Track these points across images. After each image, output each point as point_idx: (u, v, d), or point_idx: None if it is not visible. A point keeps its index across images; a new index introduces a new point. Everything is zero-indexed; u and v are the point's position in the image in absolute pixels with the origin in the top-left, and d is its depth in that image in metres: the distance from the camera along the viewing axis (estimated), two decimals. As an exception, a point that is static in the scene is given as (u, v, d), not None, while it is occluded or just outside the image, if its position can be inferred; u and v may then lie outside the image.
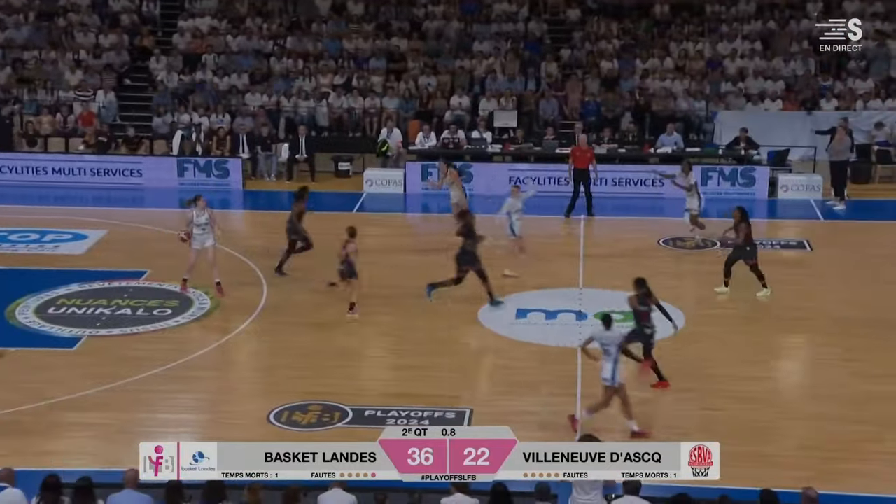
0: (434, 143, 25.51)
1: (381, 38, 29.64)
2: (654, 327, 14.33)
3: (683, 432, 12.98)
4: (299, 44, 29.55)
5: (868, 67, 27.17)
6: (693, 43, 28.48)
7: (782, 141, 24.93)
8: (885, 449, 12.56)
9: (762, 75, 27.18)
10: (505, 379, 14.83)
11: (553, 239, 21.36)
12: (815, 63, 27.49)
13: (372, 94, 27.86)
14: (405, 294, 17.94)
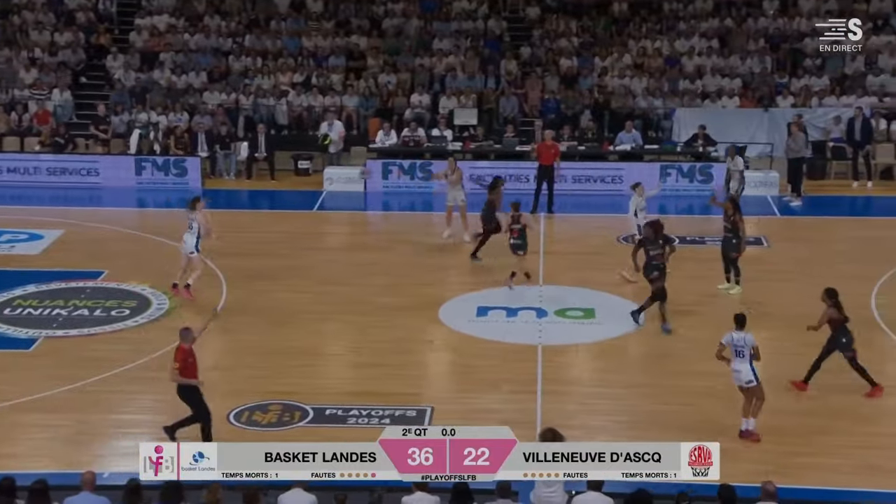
0: (394, 142, 25.49)
1: (341, 36, 29.56)
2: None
3: (643, 428, 13.13)
4: (258, 42, 29.40)
5: (823, 65, 27.47)
6: (651, 41, 28.66)
7: (739, 138, 25.15)
8: (840, 442, 12.69)
9: (719, 73, 27.41)
10: (466, 377, 14.85)
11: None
12: (772, 61, 27.76)
13: (332, 92, 27.79)
14: (366, 292, 17.92)
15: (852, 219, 22.45)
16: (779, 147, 24.54)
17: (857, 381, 14.10)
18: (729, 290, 17.60)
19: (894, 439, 12.87)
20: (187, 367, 12.43)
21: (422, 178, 24.62)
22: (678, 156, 24.76)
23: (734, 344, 12.95)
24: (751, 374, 12.80)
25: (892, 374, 14.94)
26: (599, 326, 16.43)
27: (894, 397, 14.04)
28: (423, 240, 21.49)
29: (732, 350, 12.99)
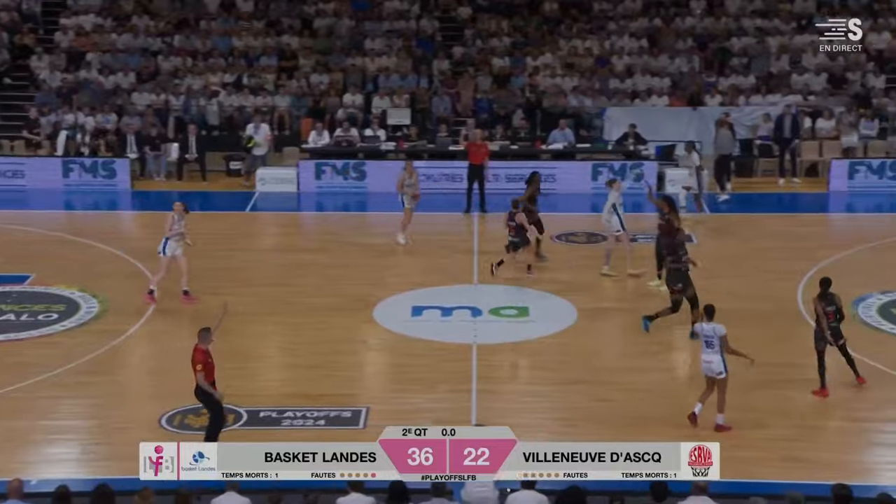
0: (327, 142, 25.38)
1: (272, 36, 29.36)
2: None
3: (574, 424, 13.24)
4: (188, 41, 29.08)
5: (749, 64, 27.92)
6: (582, 40, 28.89)
7: (669, 136, 25.48)
8: (770, 435, 12.88)
9: (649, 72, 27.72)
10: (401, 376, 14.84)
11: (447, 235, 21.43)
12: (700, 60, 28.15)
13: (263, 92, 27.58)
14: (300, 293, 17.84)
15: (779, 215, 22.83)
16: (708, 145, 24.89)
17: (779, 374, 14.41)
18: (660, 287, 17.78)
19: (822, 431, 13.12)
20: (208, 367, 12.29)
21: (355, 178, 24.58)
22: (610, 154, 24.98)
23: (704, 335, 13.03)
24: (721, 366, 12.93)
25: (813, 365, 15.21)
26: (534, 324, 16.51)
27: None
28: (356, 240, 21.44)
29: (702, 341, 13.05)
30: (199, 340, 12.39)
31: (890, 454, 12.84)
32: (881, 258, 19.28)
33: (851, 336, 15.63)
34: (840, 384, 14.46)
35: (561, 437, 12.81)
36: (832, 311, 13.94)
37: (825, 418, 13.51)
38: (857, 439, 13.09)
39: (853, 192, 23.94)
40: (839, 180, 24.08)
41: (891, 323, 16.26)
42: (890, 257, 19.32)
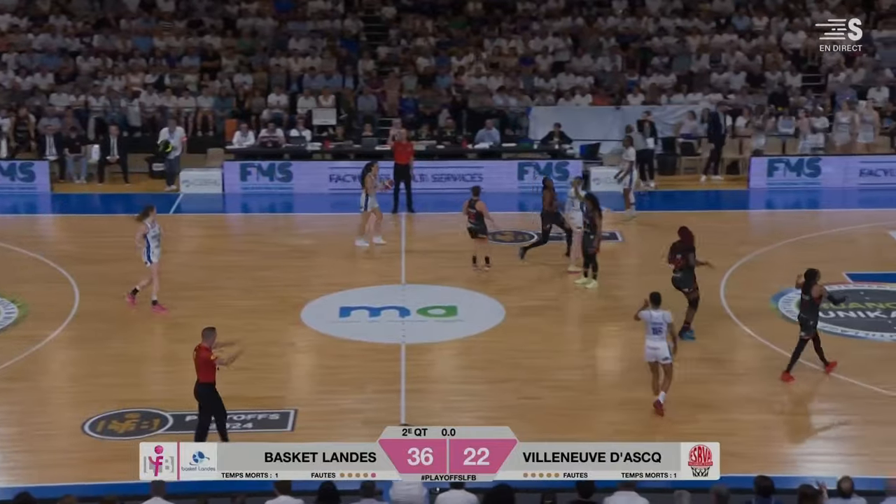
0: (252, 142, 25.16)
1: (194, 36, 29.02)
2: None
3: (504, 422, 13.21)
4: (107, 41, 28.61)
5: (670, 63, 28.34)
6: (506, 40, 29.05)
7: (594, 135, 25.74)
8: (698, 430, 12.92)
9: (573, 71, 27.97)
10: (329, 378, 14.77)
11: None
12: (622, 59, 28.48)
13: (186, 92, 27.25)
14: (226, 296, 17.69)
15: (701, 212, 23.16)
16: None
17: (704, 368, 14.65)
18: (586, 285, 17.98)
19: (744, 425, 13.29)
20: (210, 365, 12.27)
21: (281, 178, 24.42)
22: (535, 153, 25.16)
23: (652, 321, 13.25)
24: (667, 351, 13.22)
25: (742, 362, 15.55)
26: (462, 323, 16.54)
27: (744, 385, 14.56)
28: (283, 241, 21.30)
29: (650, 327, 13.28)
30: (203, 339, 12.42)
31: (811, 446, 13.15)
32: (799, 254, 19.66)
33: (772, 331, 16.02)
34: (760, 379, 14.77)
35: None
36: (807, 300, 14.33)
37: (748, 412, 13.69)
38: (779, 432, 13.32)
39: (772, 188, 24.41)
40: (759, 178, 24.54)
41: (810, 317, 16.59)
42: (808, 253, 19.69)
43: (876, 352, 15.41)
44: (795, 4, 29.82)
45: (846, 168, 24.58)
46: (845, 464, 12.05)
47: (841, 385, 14.33)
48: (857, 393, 14.10)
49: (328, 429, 13.08)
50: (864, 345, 15.61)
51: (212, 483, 11.25)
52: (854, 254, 19.38)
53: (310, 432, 12.94)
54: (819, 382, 14.48)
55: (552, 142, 24.99)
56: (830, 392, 14.24)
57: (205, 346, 12.36)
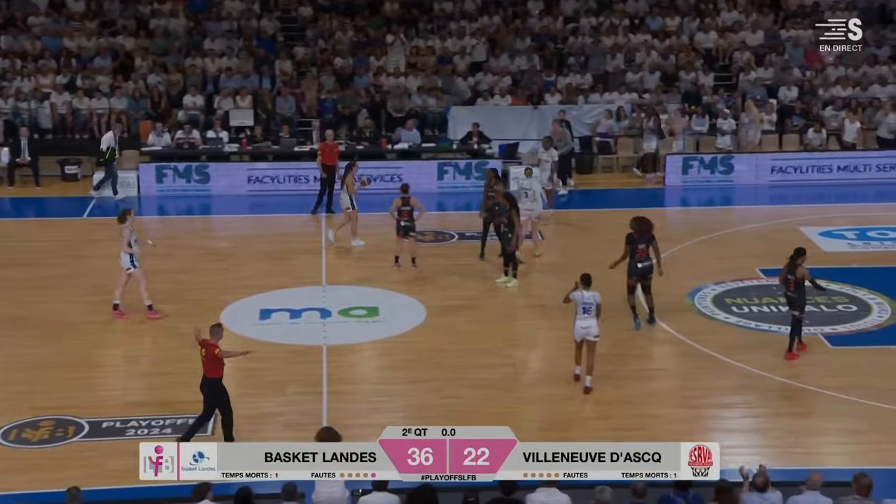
0: (168, 144, 24.82)
1: (105, 37, 28.54)
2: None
3: (426, 422, 13.23)
4: (15, 42, 27.99)
5: (586, 63, 28.66)
6: (424, 40, 29.10)
7: (512, 135, 25.93)
8: (613, 425, 13.24)
9: (490, 71, 28.14)
10: (250, 380, 14.62)
11: (294, 237, 21.26)
12: (539, 59, 28.73)
13: (98, 94, 26.78)
14: (142, 299, 17.38)
15: (618, 210, 23.37)
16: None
17: (620, 365, 14.89)
18: (507, 284, 18.12)
19: (654, 419, 13.50)
20: (218, 360, 12.48)
21: (198, 180, 24.15)
22: (455, 153, 25.26)
23: (583, 302, 14.05)
24: (598, 329, 14.03)
25: (657, 358, 15.81)
26: (383, 324, 16.55)
27: (659, 381, 14.82)
28: (201, 244, 21.08)
29: (580, 307, 14.06)
30: (210, 335, 12.57)
31: (726, 439, 13.15)
32: (714, 250, 20.08)
33: (688, 326, 16.34)
34: (676, 374, 15.05)
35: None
36: (791, 280, 14.92)
37: (664, 406, 13.94)
38: (695, 426, 13.52)
39: (686, 186, 24.84)
40: (674, 175, 24.96)
41: (724, 312, 16.96)
42: (721, 249, 20.15)
43: (786, 345, 15.73)
44: (706, 5, 30.37)
45: (757, 165, 25.14)
46: (759, 456, 12.23)
47: (753, 378, 14.65)
48: (770, 386, 14.42)
49: (249, 432, 12.98)
50: (777, 338, 15.92)
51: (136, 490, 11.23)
52: (766, 250, 19.80)
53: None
54: (732, 376, 14.77)
55: (471, 142, 25.11)
56: (743, 385, 14.53)
57: (212, 342, 12.50)
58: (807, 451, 12.73)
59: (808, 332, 16.04)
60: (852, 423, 13.48)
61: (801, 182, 24.80)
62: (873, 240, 20.42)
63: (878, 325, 16.43)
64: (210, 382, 12.58)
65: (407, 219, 18.48)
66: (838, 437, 13.36)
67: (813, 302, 17.02)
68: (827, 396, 14.06)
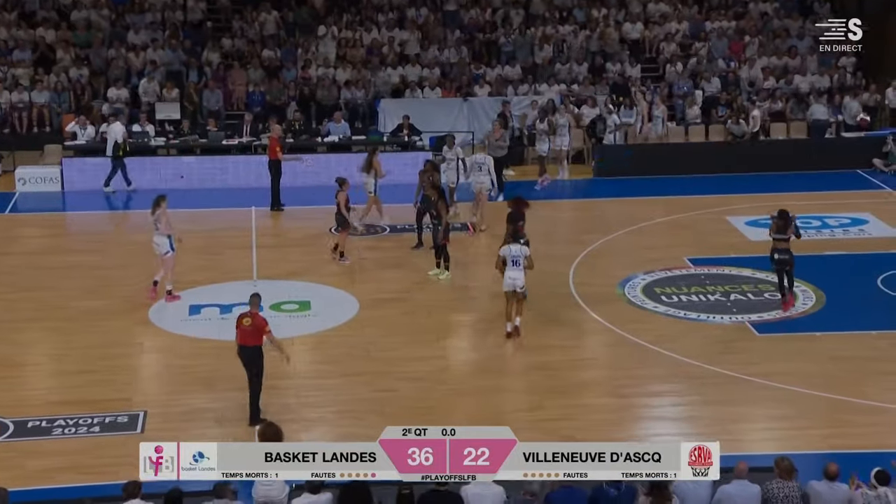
0: (92, 137, 24.35)
1: (25, 29, 27.91)
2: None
3: (358, 416, 13.34)
4: (-68, 33, 27.32)
5: (514, 54, 28.72)
6: (352, 31, 28.93)
7: (442, 127, 25.88)
8: (544, 416, 13.30)
9: (419, 63, 28.07)
10: (180, 377, 14.52)
11: (224, 232, 21.05)
12: (468, 51, 28.74)
13: (19, 87, 26.18)
14: (68, 297, 17.20)
15: (548, 202, 23.53)
16: (479, 134, 25.47)
17: (550, 355, 14.98)
18: (439, 276, 18.12)
19: (585, 409, 13.59)
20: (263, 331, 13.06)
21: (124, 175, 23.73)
22: (385, 146, 25.15)
23: (511, 255, 15.30)
24: (523, 281, 15.26)
25: (587, 347, 15.95)
26: (315, 318, 16.47)
27: (589, 370, 14.93)
28: (127, 239, 20.74)
29: (510, 260, 15.28)
30: (252, 306, 13.17)
31: (656, 427, 13.49)
32: (642, 240, 20.28)
33: (618, 315, 16.49)
34: (606, 363, 15.19)
35: (346, 429, 12.95)
36: (784, 239, 16.28)
37: (594, 396, 14.05)
38: (626, 415, 13.67)
39: (609, 178, 24.91)
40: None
41: (653, 301, 17.14)
42: (650, 239, 20.34)
43: (715, 332, 16.02)
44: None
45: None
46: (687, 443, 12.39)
47: (682, 366, 14.82)
48: (698, 374, 14.59)
49: (179, 430, 12.82)
50: (705, 327, 16.18)
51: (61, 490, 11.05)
52: (693, 239, 20.06)
53: (160, 434, 12.61)
54: (661, 365, 14.93)
55: (401, 134, 25.04)
56: (672, 374, 14.69)
57: (261, 316, 13.16)
58: (735, 438, 12.87)
59: (736, 319, 16.33)
60: (779, 409, 13.71)
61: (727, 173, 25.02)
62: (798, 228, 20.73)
63: (802, 313, 16.72)
64: (255, 350, 13.05)
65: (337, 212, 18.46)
66: (766, 423, 13.60)
67: (740, 290, 17.33)
68: (754, 383, 14.26)
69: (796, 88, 27.81)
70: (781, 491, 10.09)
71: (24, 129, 25.54)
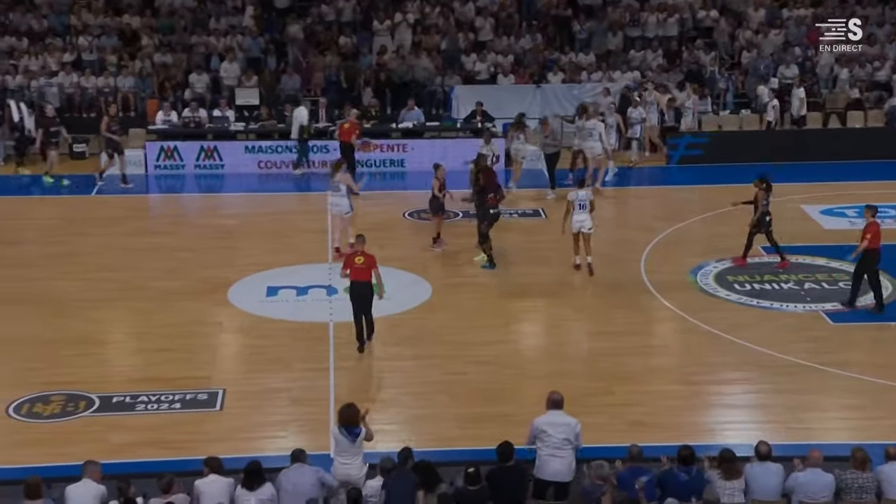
0: (175, 122, 24.94)
1: (111, 16, 28.62)
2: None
3: (428, 397, 13.55)
4: (23, 20, 28.09)
5: (589, 42, 28.68)
6: (427, 18, 28.99)
7: (515, 113, 25.94)
8: (613, 401, 13.37)
9: (494, 50, 28.16)
10: (257, 357, 14.77)
11: (300, 215, 21.42)
12: (543, 38, 28.76)
13: (105, 72, 26.90)
14: (148, 277, 17.61)
15: (621, 188, 23.47)
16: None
17: (621, 342, 14.99)
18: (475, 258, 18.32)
19: (654, 395, 13.60)
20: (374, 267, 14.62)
21: (205, 159, 24.28)
22: (458, 132, 25.35)
23: (578, 200, 17.28)
24: (590, 223, 17.28)
25: (660, 334, 15.98)
26: (388, 302, 16.54)
27: (655, 357, 14.91)
28: (207, 222, 21.23)
29: (577, 204, 17.25)
30: (359, 245, 14.89)
31: (726, 415, 13.46)
32: (715, 228, 20.18)
33: (690, 303, 16.48)
34: (676, 351, 15.20)
35: (417, 410, 13.19)
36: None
37: (664, 383, 14.02)
38: (696, 401, 13.64)
39: (682, 165, 24.82)
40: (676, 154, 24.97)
41: (725, 289, 17.09)
42: (722, 227, 20.20)
43: (789, 321, 15.94)
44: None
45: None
46: (759, 432, 12.35)
47: (754, 355, 14.76)
48: (770, 362, 14.52)
49: (257, 408, 13.17)
50: (778, 315, 16.10)
51: (143, 464, 11.44)
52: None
53: (238, 412, 13.05)
54: (733, 353, 14.89)
55: (475, 120, 25.20)
56: (743, 362, 14.63)
57: (363, 250, 14.71)
58: (806, 427, 12.84)
59: (811, 308, 16.22)
60: (852, 399, 13.59)
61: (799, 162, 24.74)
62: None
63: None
64: (367, 285, 14.55)
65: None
66: (838, 412, 13.48)
67: (814, 279, 17.20)
68: (827, 373, 14.18)
69: (874, 76, 27.34)
70: (856, 482, 10.10)
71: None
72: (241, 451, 11.41)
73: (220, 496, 9.84)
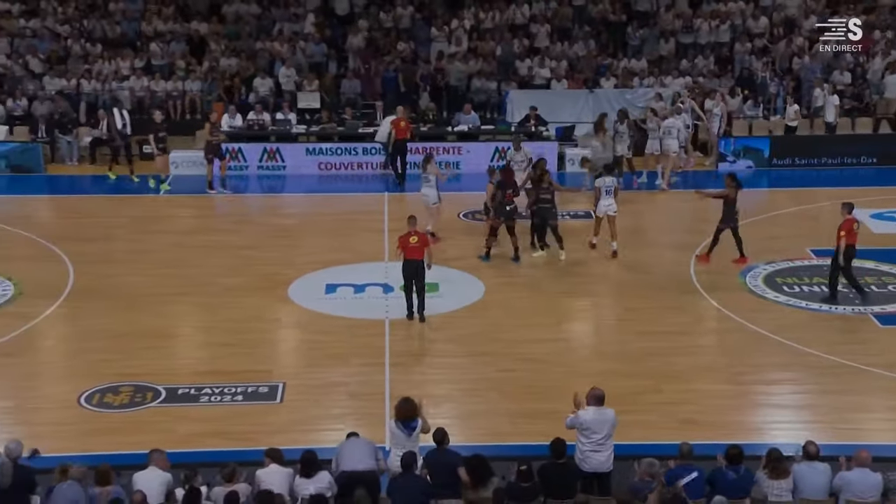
0: (240, 125, 25.62)
1: (180, 22, 29.45)
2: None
3: (479, 394, 13.84)
4: (97, 26, 29.03)
5: (641, 48, 28.85)
6: (483, 23, 29.27)
7: (568, 117, 26.31)
8: (662, 399, 13.55)
9: (548, 56, 28.45)
10: (316, 352, 15.07)
11: (357, 215, 21.85)
12: (596, 44, 28.98)
13: (174, 76, 27.71)
14: (213, 273, 18.06)
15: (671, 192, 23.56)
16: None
17: (670, 342, 15.25)
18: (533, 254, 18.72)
19: (703, 394, 13.76)
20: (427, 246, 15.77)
21: (267, 160, 24.86)
22: (512, 136, 25.66)
23: (605, 186, 18.46)
24: (616, 206, 18.37)
25: (708, 334, 16.14)
26: (442, 300, 16.88)
27: (703, 356, 15.08)
28: (268, 221, 21.72)
29: (603, 190, 18.42)
30: (412, 226, 15.93)
31: (775, 414, 13.55)
32: (764, 231, 20.24)
33: (738, 304, 16.62)
34: (724, 351, 15.33)
35: (469, 406, 13.49)
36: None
37: (712, 382, 14.14)
38: (743, 401, 13.73)
39: (737, 169, 24.84)
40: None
41: (774, 291, 17.23)
42: (772, 230, 20.32)
43: (837, 323, 16.06)
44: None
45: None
46: (806, 431, 12.42)
47: (802, 355, 14.86)
48: (818, 363, 14.60)
49: (315, 401, 13.54)
50: (826, 317, 16.21)
51: (207, 453, 11.89)
52: (816, 230, 19.97)
53: (298, 404, 13.42)
54: (780, 354, 14.99)
55: (529, 124, 25.53)
56: (791, 362, 14.72)
57: (417, 230, 15.80)
58: (854, 428, 12.89)
59: (859, 311, 16.31)
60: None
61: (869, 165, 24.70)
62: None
63: (926, 305, 16.58)
64: (420, 263, 15.63)
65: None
66: (885, 413, 13.53)
67: (863, 282, 17.29)
68: (874, 374, 14.24)
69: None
70: (904, 483, 10.10)
71: (178, 116, 26.98)
72: (300, 443, 11.64)
73: (279, 486, 10.01)
